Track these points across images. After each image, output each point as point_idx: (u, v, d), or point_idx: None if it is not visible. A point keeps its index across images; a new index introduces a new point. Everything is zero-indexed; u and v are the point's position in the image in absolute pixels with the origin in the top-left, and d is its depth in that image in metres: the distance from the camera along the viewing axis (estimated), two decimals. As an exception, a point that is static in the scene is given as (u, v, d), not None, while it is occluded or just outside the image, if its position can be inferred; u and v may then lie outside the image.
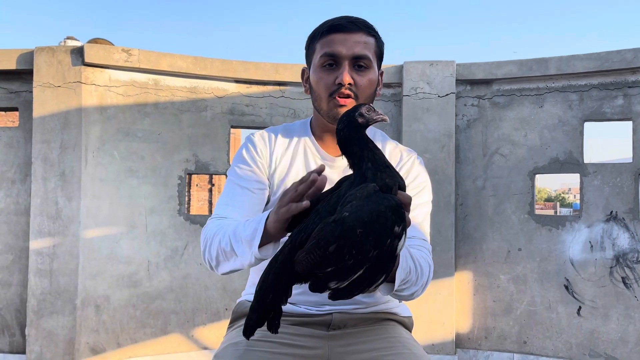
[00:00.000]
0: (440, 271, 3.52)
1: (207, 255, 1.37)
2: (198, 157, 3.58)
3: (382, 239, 0.99)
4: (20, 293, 3.38)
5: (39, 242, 3.27)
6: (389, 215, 0.99)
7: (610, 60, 3.39)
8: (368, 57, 1.43)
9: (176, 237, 3.53)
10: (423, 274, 1.32)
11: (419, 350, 1.41)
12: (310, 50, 1.51)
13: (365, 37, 1.44)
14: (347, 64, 1.41)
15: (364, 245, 0.98)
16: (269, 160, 1.50)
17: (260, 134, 1.54)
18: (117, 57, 3.41)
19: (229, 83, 3.67)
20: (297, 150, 1.52)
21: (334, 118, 1.43)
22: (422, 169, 1.53)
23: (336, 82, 1.40)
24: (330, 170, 1.49)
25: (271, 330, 1.10)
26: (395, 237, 1.00)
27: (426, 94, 3.61)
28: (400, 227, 1.00)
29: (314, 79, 1.47)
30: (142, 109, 3.50)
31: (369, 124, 1.14)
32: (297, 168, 1.49)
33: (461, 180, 3.68)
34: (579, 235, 3.45)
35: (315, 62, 1.46)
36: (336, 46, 1.42)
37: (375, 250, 0.99)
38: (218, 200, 1.50)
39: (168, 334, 3.50)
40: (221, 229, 1.32)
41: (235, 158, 1.53)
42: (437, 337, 3.56)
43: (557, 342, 3.47)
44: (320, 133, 1.52)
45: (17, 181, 3.41)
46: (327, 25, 1.45)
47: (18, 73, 3.42)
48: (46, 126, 3.30)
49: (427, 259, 1.39)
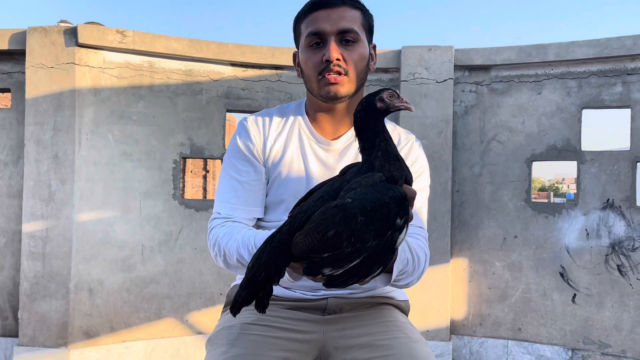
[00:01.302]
0: (435, 258, 3.51)
1: (222, 264, 1.37)
2: (193, 141, 3.55)
3: (383, 230, 0.97)
4: (12, 276, 3.36)
5: (31, 225, 3.24)
6: (392, 207, 0.97)
7: (610, 47, 3.36)
8: (354, 30, 1.39)
9: (171, 222, 3.50)
10: (419, 264, 1.31)
11: (416, 334, 1.40)
12: (297, 33, 1.48)
13: (350, 11, 1.40)
14: (333, 39, 1.38)
15: (363, 234, 0.96)
16: (263, 146, 1.47)
17: (254, 118, 1.51)
18: (111, 38, 3.36)
19: (225, 66, 3.63)
20: (292, 134, 1.49)
21: (326, 97, 1.40)
22: (420, 152, 1.51)
23: (324, 60, 1.37)
24: (325, 153, 1.47)
25: (259, 310, 1.07)
26: (397, 230, 0.99)
27: (424, 80, 3.58)
28: (402, 220, 0.98)
29: (303, 60, 1.44)
30: (137, 91, 3.46)
31: (389, 111, 1.09)
32: (291, 152, 1.47)
33: (458, 166, 3.66)
34: (575, 222, 3.44)
35: (302, 43, 1.43)
36: (320, 23, 1.38)
37: (375, 240, 0.97)
38: (217, 195, 1.47)
39: (162, 319, 3.49)
40: (237, 244, 1.30)
41: (230, 147, 1.50)
42: (432, 323, 3.56)
43: (552, 329, 3.48)
44: (315, 115, 1.49)
45: (9, 163, 3.37)
46: (310, 4, 1.42)
47: (10, 53, 3.36)
48: (39, 108, 3.26)
49: (424, 248, 1.37)
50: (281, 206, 1.45)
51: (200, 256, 3.53)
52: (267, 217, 1.48)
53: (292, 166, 1.46)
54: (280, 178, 1.45)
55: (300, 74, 1.49)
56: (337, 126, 1.49)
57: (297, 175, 1.45)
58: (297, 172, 1.45)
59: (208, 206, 3.58)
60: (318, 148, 1.47)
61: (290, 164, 1.46)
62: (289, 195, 1.44)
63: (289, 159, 1.46)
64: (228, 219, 1.41)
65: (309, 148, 1.47)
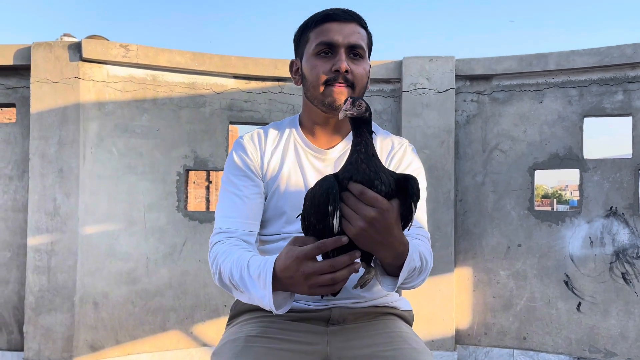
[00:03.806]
0: (439, 267, 3.51)
1: (217, 282, 1.40)
2: (197, 153, 3.57)
3: (321, 214, 1.14)
4: (18, 290, 3.37)
5: (36, 238, 3.26)
6: (321, 194, 1.14)
7: (610, 55, 3.38)
8: (362, 46, 1.44)
9: (175, 234, 3.52)
10: (425, 269, 1.33)
11: (420, 345, 1.40)
12: (302, 41, 1.50)
13: (358, 28, 1.45)
14: (343, 52, 1.41)
15: (310, 216, 1.19)
16: (260, 161, 1.49)
17: (250, 136, 1.54)
18: (115, 52, 3.40)
19: (228, 79, 3.65)
20: (288, 147, 1.51)
21: (329, 106, 1.42)
22: (414, 156, 1.55)
23: (333, 69, 1.40)
24: (321, 163, 1.49)
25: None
26: (330, 215, 1.13)
27: (425, 90, 3.60)
28: (331, 206, 1.13)
29: (308, 67, 1.45)
30: (141, 104, 3.49)
31: (356, 117, 1.16)
32: (288, 164, 1.49)
33: (460, 176, 3.67)
34: (579, 230, 3.44)
35: (310, 50, 1.45)
36: (332, 34, 1.41)
37: (319, 224, 1.15)
38: (217, 210, 1.49)
39: (167, 331, 3.49)
40: (231, 264, 1.31)
41: (227, 165, 1.52)
42: (437, 333, 3.55)
43: (557, 338, 3.47)
44: (311, 126, 1.51)
45: (14, 178, 3.40)
46: (322, 15, 1.45)
47: (15, 69, 3.40)
48: (44, 122, 3.28)
49: (428, 249, 1.40)
50: (281, 219, 1.47)
51: (204, 268, 3.53)
52: (267, 230, 1.49)
53: (290, 178, 1.48)
54: (279, 191, 1.47)
55: (300, 81, 1.51)
56: (332, 137, 1.51)
57: (295, 187, 1.47)
58: (296, 184, 1.47)
59: (212, 218, 3.59)
60: (314, 159, 1.49)
61: (288, 177, 1.48)
62: (288, 207, 1.45)
63: (287, 172, 1.48)
64: (229, 233, 1.42)
65: (305, 159, 1.49)
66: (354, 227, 1.13)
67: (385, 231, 1.14)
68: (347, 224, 1.13)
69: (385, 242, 1.16)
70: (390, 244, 1.17)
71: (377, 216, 1.11)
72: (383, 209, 1.11)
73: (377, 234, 1.14)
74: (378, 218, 1.11)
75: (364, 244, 1.16)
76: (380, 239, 1.15)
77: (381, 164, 1.16)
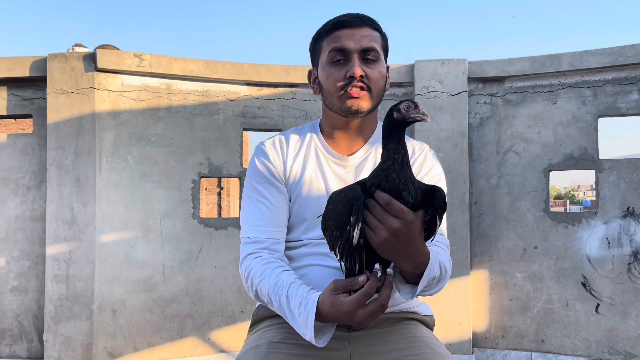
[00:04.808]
0: (455, 270, 3.50)
1: (253, 297, 1.44)
2: (211, 160, 3.59)
3: (341, 222, 1.13)
4: (37, 299, 3.40)
5: (55, 247, 3.29)
6: (345, 203, 1.13)
7: (624, 54, 3.36)
8: (376, 49, 1.44)
9: (191, 241, 3.54)
10: (444, 278, 1.34)
11: (442, 350, 1.40)
12: (316, 50, 1.51)
13: (371, 31, 1.45)
14: (356, 57, 1.42)
15: (329, 220, 1.17)
16: (283, 167, 1.50)
17: (271, 141, 1.54)
18: (129, 62, 3.43)
19: (240, 86, 3.68)
20: (309, 153, 1.52)
21: (348, 111, 1.43)
22: (435, 161, 1.54)
23: (347, 76, 1.41)
24: (342, 170, 1.50)
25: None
26: (350, 225, 1.12)
27: (438, 93, 3.60)
28: (354, 218, 1.11)
29: (324, 76, 1.47)
30: (155, 113, 3.52)
31: (406, 121, 1.14)
32: (310, 170, 1.49)
33: (475, 178, 3.66)
34: (596, 231, 3.42)
35: (324, 59, 1.46)
36: (344, 41, 1.42)
37: (338, 231, 1.14)
38: (243, 218, 1.50)
39: (184, 338, 3.51)
40: (269, 290, 1.34)
41: (250, 171, 1.52)
42: (454, 336, 3.54)
43: (576, 340, 3.44)
44: (331, 132, 1.52)
45: (32, 188, 3.44)
46: (333, 23, 1.46)
47: (31, 80, 3.44)
48: (60, 132, 3.32)
49: (447, 256, 1.40)
50: (303, 225, 1.48)
51: (220, 274, 3.55)
52: (288, 236, 1.50)
53: (312, 184, 1.48)
54: (301, 197, 1.48)
55: (318, 90, 1.52)
56: (352, 143, 1.52)
57: (317, 193, 1.48)
58: (317, 190, 1.48)
59: (227, 224, 3.61)
60: (335, 165, 1.50)
61: (310, 183, 1.48)
62: (310, 213, 1.46)
63: (309, 178, 1.48)
64: (258, 243, 1.43)
65: (327, 166, 1.50)
66: (377, 237, 1.13)
67: (408, 242, 1.14)
68: (371, 233, 1.14)
69: (407, 253, 1.17)
70: (412, 255, 1.18)
71: (401, 228, 1.11)
72: (408, 220, 1.11)
73: (399, 245, 1.14)
74: (402, 229, 1.12)
75: (385, 253, 1.17)
76: (402, 250, 1.15)
77: (411, 172, 1.15)
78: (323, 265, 1.42)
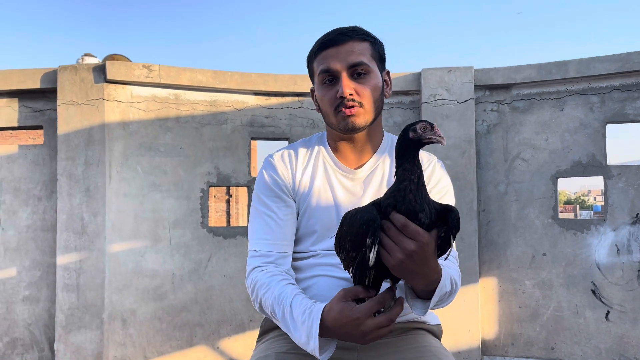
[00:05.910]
0: (464, 278, 3.49)
1: (257, 309, 1.46)
2: (219, 170, 3.61)
3: (357, 243, 1.14)
4: (48, 308, 3.43)
5: (65, 257, 3.32)
6: (361, 225, 1.13)
7: (631, 61, 3.35)
8: (364, 62, 1.43)
9: (200, 250, 3.56)
10: (454, 292, 1.36)
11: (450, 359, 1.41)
12: (310, 71, 1.54)
13: (358, 45, 1.44)
14: (344, 75, 1.42)
15: (345, 242, 1.19)
16: (292, 180, 1.51)
17: (280, 154, 1.56)
18: (138, 73, 3.47)
19: (248, 95, 3.70)
20: (317, 165, 1.53)
21: (345, 129, 1.45)
22: (443, 173, 1.55)
23: (338, 96, 1.42)
24: (351, 182, 1.51)
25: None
26: (366, 247, 1.12)
27: (445, 101, 3.61)
28: (370, 239, 1.11)
29: (319, 97, 1.50)
30: (164, 123, 3.55)
31: (421, 141, 1.14)
32: (318, 183, 1.51)
33: (483, 185, 3.66)
34: (605, 238, 3.41)
35: (317, 80, 1.49)
36: (330, 61, 1.43)
37: (354, 252, 1.15)
38: (251, 231, 1.51)
39: (194, 346, 3.52)
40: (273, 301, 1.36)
41: (258, 184, 1.54)
42: (463, 344, 3.53)
43: (586, 348, 3.43)
44: (337, 145, 1.54)
45: (43, 198, 3.47)
46: (319, 43, 1.48)
47: (42, 92, 3.49)
48: (70, 143, 3.36)
49: (457, 270, 1.41)
50: (312, 237, 1.49)
51: (229, 283, 3.57)
52: (297, 247, 1.51)
53: (321, 197, 1.50)
54: (310, 210, 1.49)
55: (319, 109, 1.54)
56: (360, 155, 1.53)
57: (326, 205, 1.49)
58: (326, 202, 1.49)
59: (235, 233, 3.63)
60: (343, 178, 1.51)
61: (318, 195, 1.49)
62: (319, 226, 1.47)
63: (317, 191, 1.50)
64: (265, 257, 1.45)
65: (335, 178, 1.51)
66: (392, 259, 1.14)
67: (422, 263, 1.15)
68: (386, 255, 1.15)
69: (421, 273, 1.18)
70: (426, 274, 1.19)
71: (416, 249, 1.12)
72: (424, 242, 1.12)
73: (414, 265, 1.15)
74: (417, 251, 1.13)
75: (400, 274, 1.18)
76: (416, 270, 1.16)
77: (426, 193, 1.15)
78: (331, 276, 1.43)
